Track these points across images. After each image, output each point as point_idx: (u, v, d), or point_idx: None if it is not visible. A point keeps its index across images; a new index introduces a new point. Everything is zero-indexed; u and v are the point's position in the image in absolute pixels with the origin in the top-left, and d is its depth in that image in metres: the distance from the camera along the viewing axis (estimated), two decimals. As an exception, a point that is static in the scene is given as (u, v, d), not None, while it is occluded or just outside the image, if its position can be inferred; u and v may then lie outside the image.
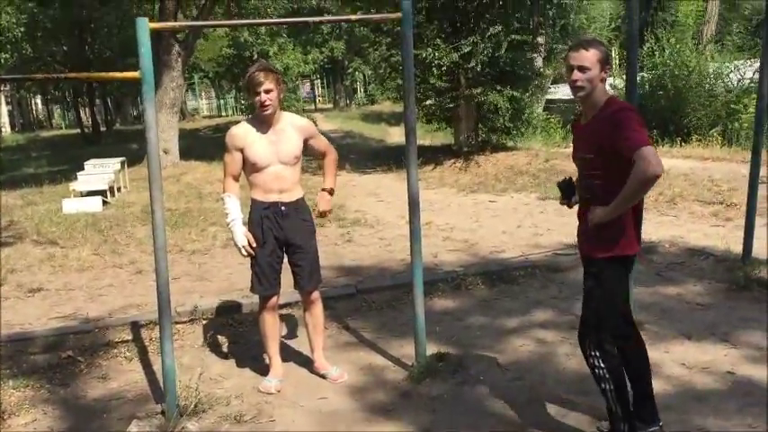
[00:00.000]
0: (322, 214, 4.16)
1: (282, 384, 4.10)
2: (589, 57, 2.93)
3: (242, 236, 3.93)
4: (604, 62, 2.96)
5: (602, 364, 3.07)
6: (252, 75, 3.85)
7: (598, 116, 2.99)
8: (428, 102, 13.61)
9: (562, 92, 20.77)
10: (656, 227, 7.42)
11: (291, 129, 3.98)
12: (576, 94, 3.02)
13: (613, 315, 3.13)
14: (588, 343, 3.11)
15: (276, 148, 3.90)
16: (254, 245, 3.94)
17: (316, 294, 4.18)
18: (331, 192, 4.17)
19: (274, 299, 4.10)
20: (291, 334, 4.97)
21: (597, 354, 3.08)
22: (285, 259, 4.11)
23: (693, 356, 4.19)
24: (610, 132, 2.87)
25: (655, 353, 3.98)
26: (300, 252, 4.05)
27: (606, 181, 2.96)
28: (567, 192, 3.35)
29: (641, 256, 3.42)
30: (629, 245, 3.06)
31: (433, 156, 13.77)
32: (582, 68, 2.94)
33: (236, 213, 3.95)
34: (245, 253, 3.95)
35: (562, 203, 3.43)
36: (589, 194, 3.10)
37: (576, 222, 3.26)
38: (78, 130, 28.15)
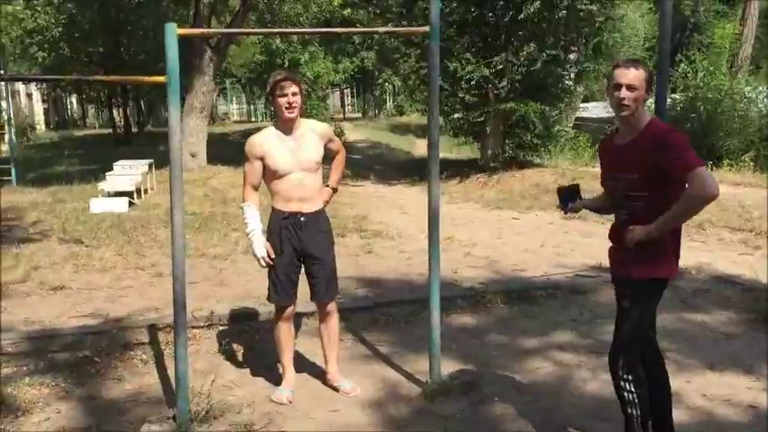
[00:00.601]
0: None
1: (295, 395, 4.08)
2: (638, 76, 2.91)
3: (261, 246, 3.92)
4: (650, 83, 2.96)
5: (633, 389, 3.02)
6: (277, 78, 3.87)
7: (642, 136, 2.95)
8: (456, 115, 13.58)
9: (592, 110, 20.64)
10: (684, 252, 7.21)
11: (311, 134, 3.97)
12: (620, 113, 2.97)
13: (643, 338, 3.12)
14: (621, 365, 3.06)
15: (296, 155, 3.89)
16: (273, 255, 3.93)
17: (332, 306, 4.16)
18: (334, 190, 4.22)
19: (290, 309, 4.09)
20: (306, 344, 4.94)
21: (630, 377, 3.03)
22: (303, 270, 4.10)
23: (715, 387, 4.10)
24: (658, 153, 2.84)
25: (676, 382, 3.88)
26: (318, 263, 4.03)
27: (649, 202, 2.92)
28: (566, 197, 3.40)
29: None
30: (668, 267, 3.05)
31: (458, 170, 13.72)
32: (630, 87, 2.90)
33: (255, 223, 3.96)
34: (264, 264, 3.95)
35: (558, 208, 3.51)
36: (626, 215, 3.05)
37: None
38: (110, 131, 28.56)
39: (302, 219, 3.94)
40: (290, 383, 4.13)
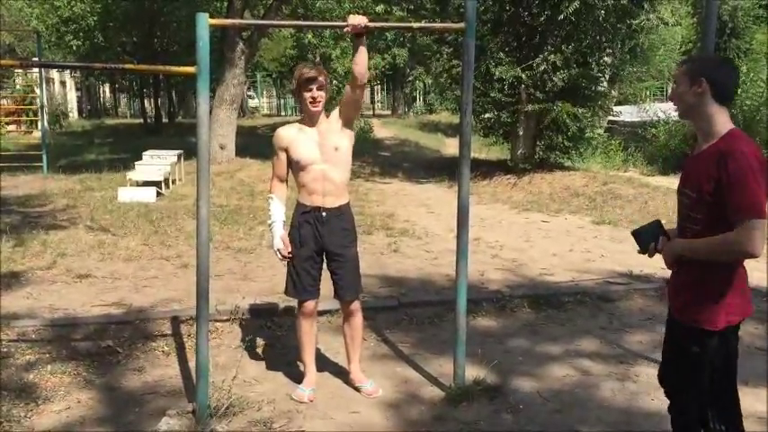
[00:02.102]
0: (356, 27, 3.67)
1: (315, 394, 4.02)
2: (678, 72, 2.61)
3: (278, 239, 3.90)
4: (694, 77, 2.52)
5: None
6: (303, 72, 3.81)
7: (711, 149, 2.52)
8: (487, 115, 13.43)
9: (625, 114, 20.33)
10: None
11: (334, 124, 3.91)
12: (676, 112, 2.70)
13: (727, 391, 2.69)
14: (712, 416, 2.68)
15: (320, 146, 3.85)
16: (290, 249, 3.88)
17: (355, 305, 4.09)
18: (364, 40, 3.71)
19: (310, 305, 4.02)
20: (329, 342, 4.88)
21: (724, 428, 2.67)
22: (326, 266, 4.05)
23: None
24: (716, 175, 2.44)
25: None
26: (338, 260, 3.97)
27: (704, 228, 2.54)
28: (646, 237, 2.81)
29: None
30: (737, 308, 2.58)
31: (487, 170, 13.57)
32: (674, 83, 2.63)
33: (277, 215, 3.93)
34: (280, 257, 3.91)
35: (641, 253, 2.90)
36: (684, 238, 2.67)
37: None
38: (141, 120, 28.83)
39: (323, 214, 3.89)
40: (311, 382, 4.07)
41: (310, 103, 3.79)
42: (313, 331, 4.12)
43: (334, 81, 25.38)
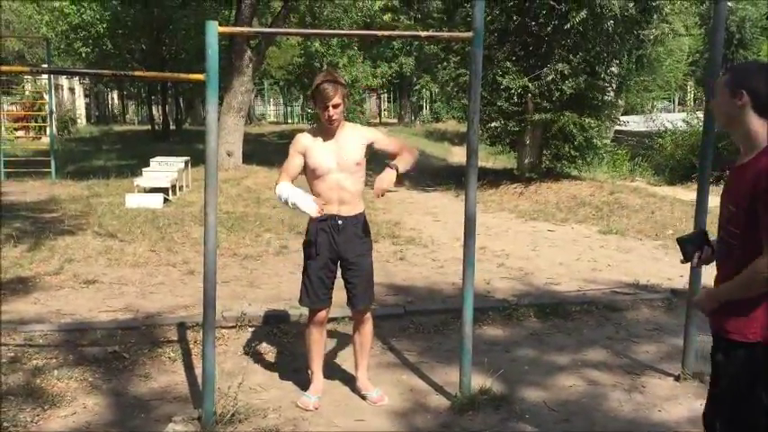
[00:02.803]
0: (379, 193, 3.81)
1: (321, 401, 4.02)
2: (720, 82, 2.51)
3: (304, 200, 3.68)
4: (735, 86, 2.42)
5: None
6: (321, 87, 3.77)
7: (751, 163, 2.41)
8: (493, 124, 13.44)
9: (631, 124, 20.32)
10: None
11: (354, 136, 3.93)
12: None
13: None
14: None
15: (336, 155, 3.85)
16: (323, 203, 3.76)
17: (367, 314, 4.10)
18: (398, 171, 3.83)
19: (322, 313, 4.02)
20: (336, 349, 4.88)
21: None
22: (339, 274, 4.05)
23: None
24: (752, 192, 2.35)
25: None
26: (353, 269, 3.97)
27: (743, 245, 2.41)
28: (691, 247, 2.73)
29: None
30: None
31: (493, 179, 13.57)
32: (714, 94, 2.55)
33: (288, 190, 3.75)
34: (318, 212, 3.70)
35: (683, 262, 2.81)
36: (723, 254, 2.55)
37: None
38: (149, 127, 28.93)
39: (339, 222, 3.89)
40: (317, 389, 4.07)
41: (326, 120, 3.81)
42: (322, 339, 4.12)
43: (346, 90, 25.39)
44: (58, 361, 4.57)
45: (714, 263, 2.65)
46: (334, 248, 3.91)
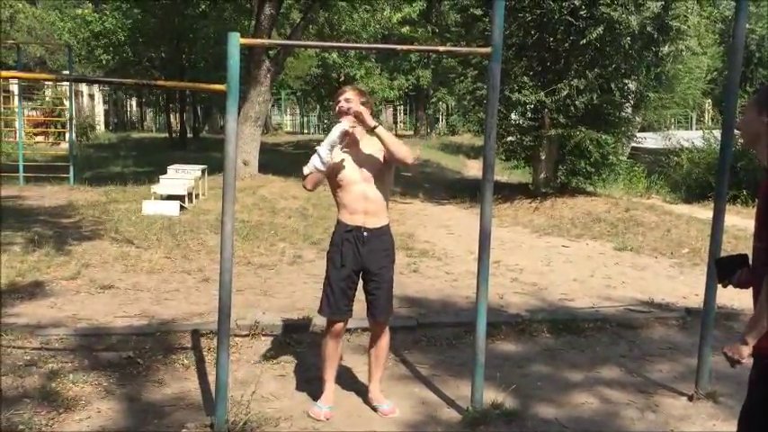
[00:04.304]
0: (354, 111, 3.81)
1: (332, 412, 4.03)
2: (750, 101, 2.56)
3: (334, 132, 3.77)
4: (762, 107, 2.47)
5: None
6: (340, 89, 3.99)
7: None
8: (509, 138, 13.44)
9: (648, 141, 20.25)
10: (738, 293, 6.99)
11: (372, 144, 3.95)
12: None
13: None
14: None
15: (359, 165, 3.90)
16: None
17: (386, 327, 4.11)
18: (377, 126, 3.82)
19: (341, 324, 4.02)
20: (348, 360, 4.89)
21: None
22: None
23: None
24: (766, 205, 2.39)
25: (731, 428, 3.71)
26: (376, 281, 3.99)
27: (766, 262, 2.41)
28: (724, 271, 2.73)
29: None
30: None
31: (508, 193, 13.55)
32: (743, 112, 2.60)
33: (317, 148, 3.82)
34: (347, 126, 3.77)
35: (719, 283, 2.83)
36: (756, 272, 2.54)
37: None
38: (166, 135, 29.16)
39: (365, 233, 3.91)
40: (329, 399, 4.08)
41: (337, 113, 3.92)
42: (338, 351, 4.14)
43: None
44: (74, 365, 4.61)
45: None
46: (359, 260, 3.92)
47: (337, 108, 3.92)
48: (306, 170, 3.85)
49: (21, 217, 9.75)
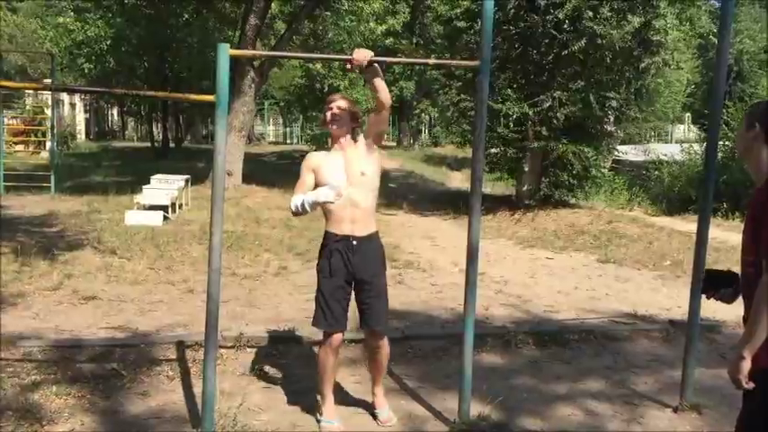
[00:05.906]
0: (361, 58, 3.73)
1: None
2: (744, 115, 2.66)
3: (321, 190, 3.68)
4: (752, 120, 2.57)
5: None
6: (329, 97, 4.00)
7: (757, 191, 2.54)
8: (493, 150, 13.52)
9: (629, 154, 20.45)
10: (721, 305, 7.08)
11: (361, 149, 3.95)
12: None
13: None
14: None
15: (346, 170, 3.87)
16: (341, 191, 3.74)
17: (384, 336, 4.07)
18: (378, 73, 3.81)
19: (339, 336, 3.95)
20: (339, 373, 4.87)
21: None
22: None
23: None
24: (758, 217, 2.44)
25: (713, 441, 3.75)
26: (368, 289, 3.95)
27: (756, 272, 2.44)
28: (707, 284, 2.83)
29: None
30: None
31: (492, 205, 13.61)
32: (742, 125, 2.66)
33: (302, 196, 3.75)
34: (336, 194, 3.65)
35: (703, 293, 2.92)
36: (744, 286, 2.59)
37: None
38: (149, 144, 29.01)
39: (354, 242, 3.88)
40: (331, 413, 4.02)
41: (329, 121, 3.92)
42: (336, 363, 4.07)
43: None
44: (56, 377, 4.55)
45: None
46: (350, 270, 3.89)
47: (329, 115, 3.90)
48: (293, 208, 3.81)
49: (1, 227, 9.63)
